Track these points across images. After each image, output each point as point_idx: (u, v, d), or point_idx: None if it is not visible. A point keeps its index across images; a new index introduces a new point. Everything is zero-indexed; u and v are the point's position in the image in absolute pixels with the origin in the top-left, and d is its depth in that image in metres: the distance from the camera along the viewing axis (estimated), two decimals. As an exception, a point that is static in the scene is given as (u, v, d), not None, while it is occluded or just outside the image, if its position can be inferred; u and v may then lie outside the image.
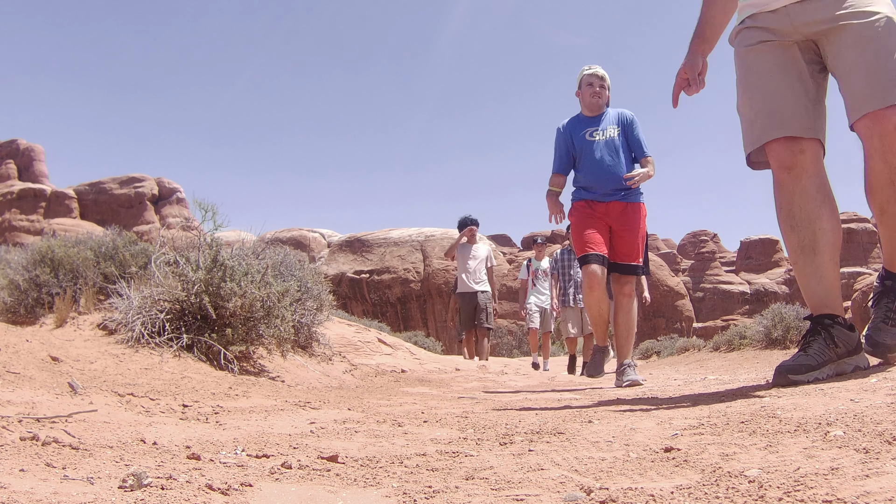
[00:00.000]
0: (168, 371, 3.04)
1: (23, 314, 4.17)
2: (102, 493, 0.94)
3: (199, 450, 1.33)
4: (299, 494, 1.01)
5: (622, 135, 4.07)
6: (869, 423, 1.24)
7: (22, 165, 48.95)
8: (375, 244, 33.02)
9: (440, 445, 1.45)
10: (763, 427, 1.37)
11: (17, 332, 3.39)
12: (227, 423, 1.78)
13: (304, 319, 4.42)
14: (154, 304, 3.52)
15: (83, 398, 1.96)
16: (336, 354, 4.78)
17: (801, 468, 0.98)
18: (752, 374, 3.90)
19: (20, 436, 1.31)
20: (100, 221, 39.56)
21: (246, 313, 3.57)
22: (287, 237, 35.25)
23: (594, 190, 4.01)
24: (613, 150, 4.00)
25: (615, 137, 4.04)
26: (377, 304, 31.41)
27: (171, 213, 47.04)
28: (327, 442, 1.52)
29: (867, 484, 0.85)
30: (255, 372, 3.59)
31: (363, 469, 1.19)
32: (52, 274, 4.25)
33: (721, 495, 0.88)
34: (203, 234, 4.07)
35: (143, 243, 4.73)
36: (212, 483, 1.01)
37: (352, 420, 1.96)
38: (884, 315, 2.27)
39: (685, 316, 49.66)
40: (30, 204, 45.31)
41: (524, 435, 1.55)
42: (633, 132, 4.09)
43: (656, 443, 1.32)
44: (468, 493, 0.99)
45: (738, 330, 9.22)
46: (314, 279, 4.76)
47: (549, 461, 1.20)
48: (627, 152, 4.04)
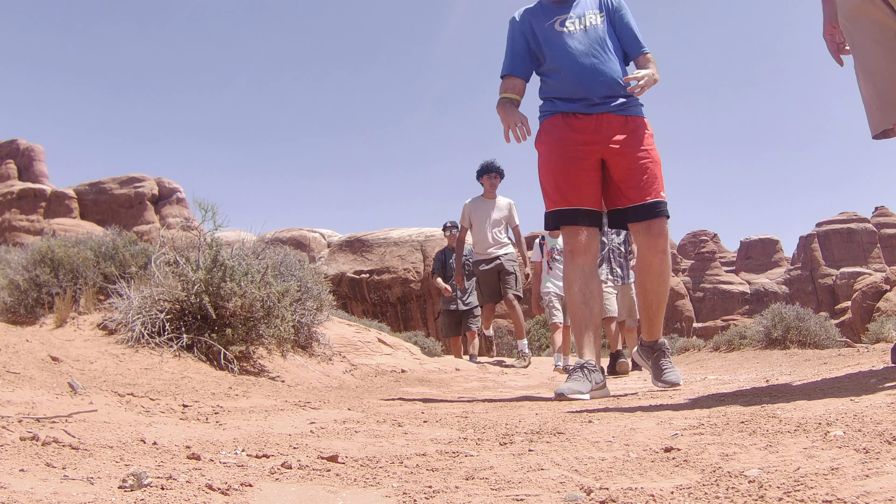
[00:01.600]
0: (168, 371, 3.04)
1: (23, 314, 4.17)
2: (102, 493, 0.93)
3: (199, 450, 1.33)
4: (299, 494, 1.01)
5: (608, 23, 2.91)
6: (869, 423, 1.24)
7: (22, 165, 48.95)
8: (375, 244, 33.02)
9: (440, 445, 1.45)
10: (763, 427, 1.37)
11: (17, 332, 3.39)
12: (227, 423, 1.78)
13: (304, 319, 4.42)
14: (154, 304, 3.52)
15: (83, 398, 1.95)
16: (336, 354, 4.77)
17: (801, 468, 0.98)
18: (752, 374, 3.90)
19: (20, 436, 1.31)
20: (100, 221, 39.57)
21: (246, 313, 3.57)
22: (287, 237, 35.25)
23: (574, 98, 2.81)
24: (597, 43, 2.83)
25: (598, 25, 2.87)
26: (377, 304, 31.40)
27: (171, 213, 47.04)
28: (327, 442, 1.52)
29: (867, 484, 0.85)
30: (255, 372, 3.59)
31: (363, 469, 1.19)
32: (52, 274, 4.25)
33: (721, 495, 0.88)
34: (203, 234, 4.07)
35: (143, 243, 4.73)
36: (212, 483, 1.01)
37: (352, 420, 1.96)
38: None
39: (685, 316, 49.70)
40: (30, 204, 45.31)
41: (524, 435, 1.54)
42: (623, 19, 2.94)
43: (656, 443, 1.32)
44: (468, 493, 0.99)
45: (738, 330, 9.21)
46: (314, 279, 4.75)
47: (549, 461, 1.20)
48: (617, 47, 2.89)
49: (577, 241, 2.80)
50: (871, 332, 10.45)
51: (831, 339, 7.40)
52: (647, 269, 2.84)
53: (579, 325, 2.79)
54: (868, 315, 25.93)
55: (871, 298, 28.16)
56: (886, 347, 4.88)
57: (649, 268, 2.83)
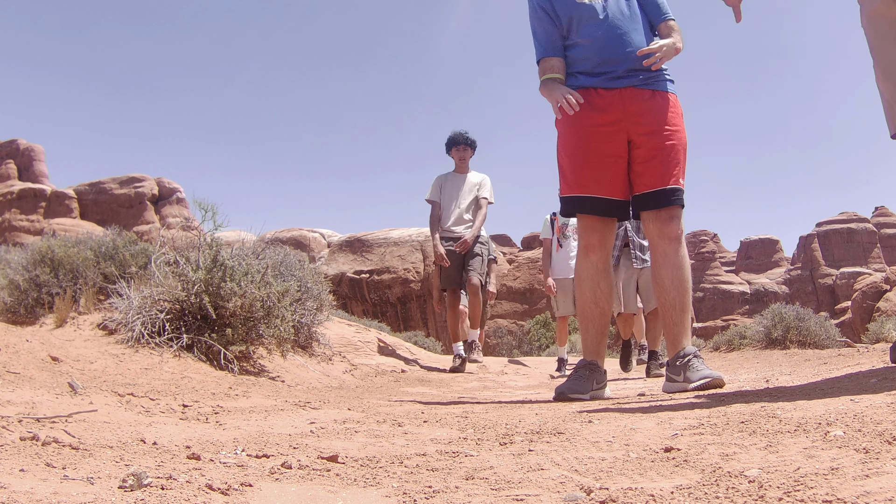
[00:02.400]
0: (168, 371, 3.04)
1: (23, 314, 4.17)
2: (102, 493, 0.93)
3: (199, 450, 1.33)
4: (299, 494, 1.01)
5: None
6: (869, 423, 1.24)
7: (22, 165, 48.97)
8: (375, 244, 33.02)
9: (440, 445, 1.45)
10: (763, 427, 1.37)
11: (17, 332, 3.39)
12: (227, 423, 1.78)
13: (304, 319, 4.42)
14: (154, 304, 3.52)
15: (83, 398, 1.96)
16: (336, 354, 4.78)
17: (801, 468, 0.98)
18: (752, 374, 3.90)
19: (20, 436, 1.31)
20: (100, 221, 39.60)
21: (246, 313, 3.57)
22: (287, 237, 35.25)
23: (598, 72, 2.62)
24: (621, 13, 2.63)
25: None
26: (377, 304, 31.40)
27: (171, 213, 47.06)
28: (327, 442, 1.52)
29: (867, 484, 0.85)
30: (255, 372, 3.59)
31: (363, 469, 1.19)
32: (52, 274, 4.25)
33: (721, 495, 0.88)
34: (203, 234, 4.07)
35: (143, 243, 4.73)
36: (212, 483, 1.01)
37: (352, 420, 1.96)
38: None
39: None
40: (30, 204, 45.32)
41: (524, 435, 1.54)
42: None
43: (656, 443, 1.32)
44: (468, 493, 0.99)
45: (738, 330, 9.21)
46: (314, 279, 4.76)
47: (549, 461, 1.20)
48: (644, 19, 2.68)
49: (593, 236, 2.63)
50: (871, 332, 10.46)
51: (831, 339, 7.40)
52: (663, 259, 2.56)
53: (586, 324, 2.66)
54: (868, 315, 25.94)
55: (871, 298, 28.17)
56: (886, 347, 4.88)
57: (665, 258, 2.55)
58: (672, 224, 2.54)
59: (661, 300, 2.59)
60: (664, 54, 2.50)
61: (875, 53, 2.24)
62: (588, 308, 2.65)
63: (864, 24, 2.28)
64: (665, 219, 2.55)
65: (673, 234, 2.54)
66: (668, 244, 2.54)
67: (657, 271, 2.59)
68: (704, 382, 2.41)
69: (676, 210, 2.56)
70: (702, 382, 2.41)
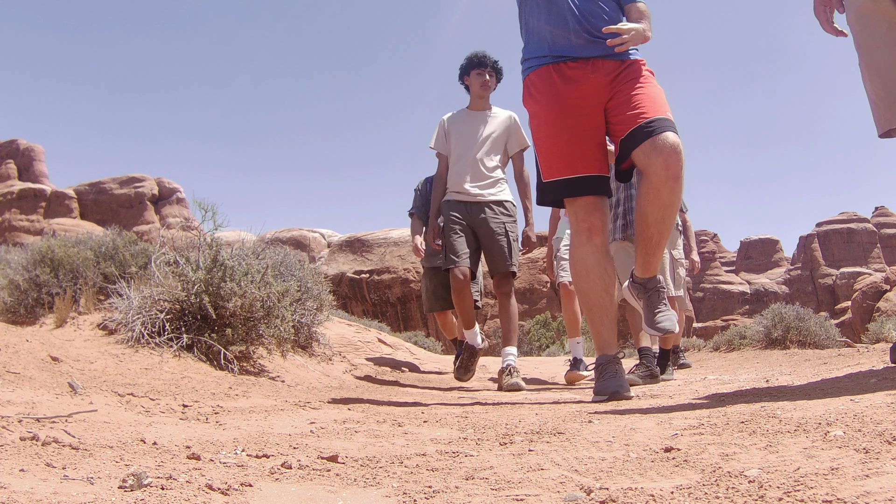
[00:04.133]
0: (168, 371, 3.04)
1: (23, 314, 4.17)
2: (102, 493, 0.93)
3: (199, 450, 1.33)
4: (299, 494, 1.01)
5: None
6: (869, 423, 1.24)
7: (22, 165, 48.99)
8: (375, 244, 33.02)
9: (440, 445, 1.45)
10: (763, 427, 1.37)
11: (17, 332, 3.39)
12: (227, 423, 1.78)
13: (304, 319, 4.42)
14: (154, 304, 3.52)
15: (83, 398, 1.96)
16: (336, 354, 4.78)
17: (801, 468, 0.98)
18: (752, 374, 3.90)
19: (20, 436, 1.31)
20: (100, 221, 39.63)
21: (246, 313, 3.57)
22: (287, 237, 35.27)
23: (562, 42, 2.44)
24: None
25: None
26: (377, 304, 31.40)
27: (171, 213, 47.08)
28: (327, 442, 1.52)
29: (867, 484, 0.85)
30: (255, 372, 3.59)
31: (363, 469, 1.19)
32: (52, 274, 4.25)
33: (721, 495, 0.88)
34: (203, 234, 4.07)
35: (143, 243, 4.73)
36: (212, 483, 1.01)
37: (352, 420, 1.96)
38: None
39: (685, 316, 49.55)
40: (30, 204, 45.34)
41: (524, 435, 1.54)
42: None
43: (656, 443, 1.32)
44: (468, 493, 0.99)
45: (738, 330, 9.21)
46: (314, 279, 4.75)
47: (549, 461, 1.20)
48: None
49: (594, 216, 2.42)
50: (871, 332, 10.44)
51: (831, 339, 7.40)
52: (655, 197, 2.27)
53: (601, 315, 2.42)
54: (868, 315, 25.92)
55: (871, 298, 28.16)
56: (886, 347, 4.88)
57: (657, 196, 2.26)
58: (673, 158, 2.25)
59: (641, 229, 2.38)
60: (631, 38, 2.34)
61: (861, 51, 2.24)
62: (600, 298, 2.42)
63: (851, 20, 2.28)
64: (666, 151, 2.25)
65: (674, 171, 2.25)
66: (665, 183, 2.25)
67: (644, 205, 2.32)
68: (658, 333, 2.46)
69: (675, 137, 2.28)
70: (656, 333, 2.46)
